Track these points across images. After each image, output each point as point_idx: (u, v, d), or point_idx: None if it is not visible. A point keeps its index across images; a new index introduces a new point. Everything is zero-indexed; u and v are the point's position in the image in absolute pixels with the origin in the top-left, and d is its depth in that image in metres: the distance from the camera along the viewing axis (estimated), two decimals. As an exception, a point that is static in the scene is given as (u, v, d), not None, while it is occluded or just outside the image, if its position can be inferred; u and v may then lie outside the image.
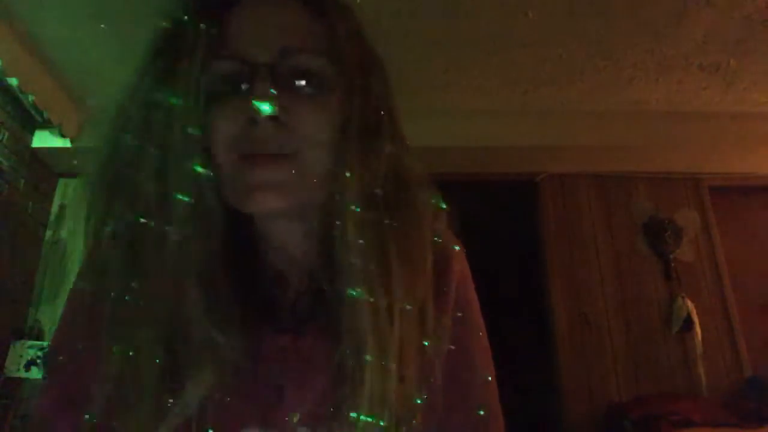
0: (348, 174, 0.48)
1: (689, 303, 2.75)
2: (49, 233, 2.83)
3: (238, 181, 0.48)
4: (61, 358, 0.52)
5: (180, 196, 0.45)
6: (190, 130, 0.45)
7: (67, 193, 2.93)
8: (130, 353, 0.45)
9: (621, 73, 2.58)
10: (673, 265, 2.87)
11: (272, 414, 0.50)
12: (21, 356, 2.52)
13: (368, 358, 0.46)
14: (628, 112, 2.86)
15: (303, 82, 0.49)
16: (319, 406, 0.50)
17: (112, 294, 0.46)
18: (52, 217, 2.87)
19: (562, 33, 2.31)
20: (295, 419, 0.50)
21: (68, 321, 0.54)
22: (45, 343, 2.55)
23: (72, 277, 0.56)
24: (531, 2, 2.14)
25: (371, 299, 0.47)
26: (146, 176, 0.45)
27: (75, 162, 2.81)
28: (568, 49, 2.41)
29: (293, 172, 0.48)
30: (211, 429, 0.47)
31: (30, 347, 2.54)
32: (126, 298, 0.46)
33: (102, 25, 2.18)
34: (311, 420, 0.51)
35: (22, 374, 2.48)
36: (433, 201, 0.56)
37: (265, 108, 0.45)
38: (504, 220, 3.52)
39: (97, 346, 0.47)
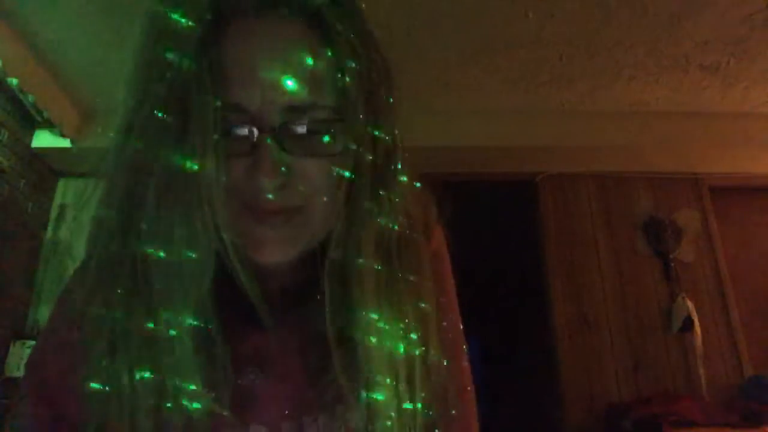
0: (361, 220, 0.47)
1: (689, 303, 2.75)
2: (49, 233, 2.83)
3: (241, 232, 0.45)
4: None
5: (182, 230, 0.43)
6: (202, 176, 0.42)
7: (67, 193, 2.93)
8: (116, 396, 0.44)
9: (621, 73, 2.58)
10: (673, 265, 2.87)
11: (255, 411, 0.50)
12: (21, 356, 2.52)
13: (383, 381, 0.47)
14: (628, 112, 2.86)
15: (311, 139, 0.45)
16: (300, 398, 0.51)
17: (98, 328, 0.45)
18: (52, 217, 2.87)
19: (562, 33, 2.31)
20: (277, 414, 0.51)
21: (48, 353, 0.53)
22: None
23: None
24: (531, 2, 2.14)
25: (385, 343, 0.47)
26: (150, 210, 0.43)
27: (75, 162, 2.81)
28: (568, 49, 2.41)
29: (299, 225, 0.47)
30: None
31: (30, 347, 2.54)
32: (116, 333, 0.44)
33: (102, 25, 2.18)
34: (293, 412, 0.51)
35: (22, 374, 2.49)
36: (426, 205, 0.56)
37: (272, 186, 0.43)
38: (504, 220, 3.52)
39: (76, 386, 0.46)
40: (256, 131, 0.44)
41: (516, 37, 2.33)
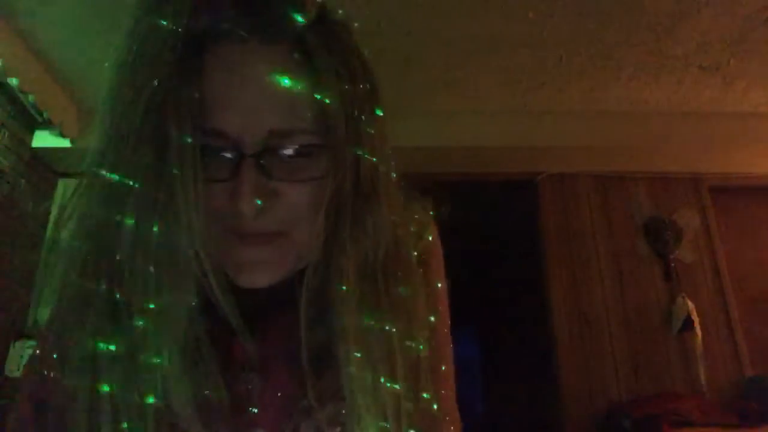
0: (343, 245, 0.47)
1: (689, 303, 2.75)
2: (49, 233, 2.83)
3: (224, 255, 0.45)
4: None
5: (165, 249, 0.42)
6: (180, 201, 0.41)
7: (67, 194, 2.93)
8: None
9: (621, 73, 2.58)
10: (673, 265, 2.87)
11: (250, 418, 0.50)
12: (21, 356, 2.52)
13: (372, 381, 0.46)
14: (628, 112, 2.86)
15: (292, 163, 0.45)
16: (293, 403, 0.50)
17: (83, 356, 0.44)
18: (52, 217, 2.87)
19: (562, 33, 2.31)
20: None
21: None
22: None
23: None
24: (531, 2, 2.14)
25: (371, 381, 0.46)
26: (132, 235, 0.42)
27: (75, 162, 2.81)
28: (568, 49, 2.41)
29: (282, 249, 0.47)
30: None
31: (30, 347, 2.54)
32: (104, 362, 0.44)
33: (102, 25, 2.18)
34: (287, 417, 0.50)
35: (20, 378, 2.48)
36: (420, 209, 0.56)
37: (252, 210, 0.43)
38: (504, 220, 3.52)
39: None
40: (236, 156, 0.44)
41: (516, 37, 2.33)
